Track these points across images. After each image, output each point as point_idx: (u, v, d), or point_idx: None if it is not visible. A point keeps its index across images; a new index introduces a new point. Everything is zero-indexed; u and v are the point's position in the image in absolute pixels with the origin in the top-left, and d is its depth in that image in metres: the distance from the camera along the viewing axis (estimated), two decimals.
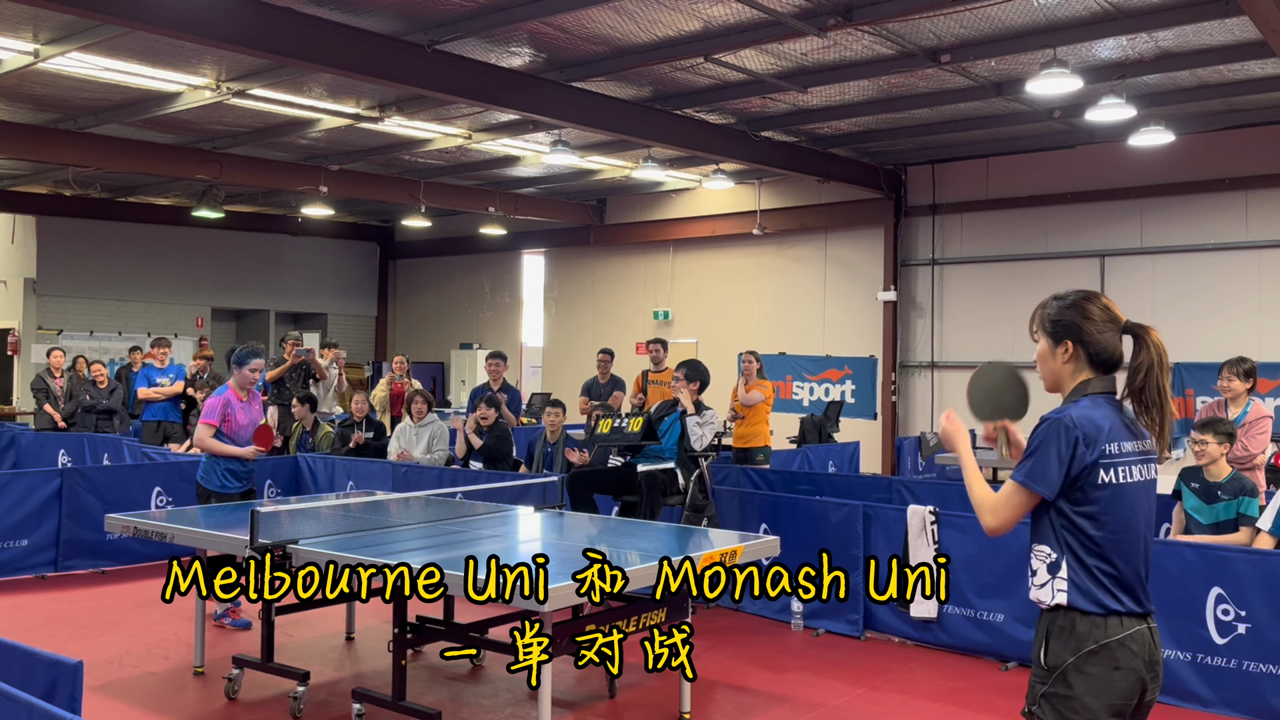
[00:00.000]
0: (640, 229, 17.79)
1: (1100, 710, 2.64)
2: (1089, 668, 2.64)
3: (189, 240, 19.36)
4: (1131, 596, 2.69)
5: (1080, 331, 2.80)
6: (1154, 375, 2.76)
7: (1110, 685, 2.64)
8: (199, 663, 5.75)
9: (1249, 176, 12.36)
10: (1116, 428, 2.73)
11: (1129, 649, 2.65)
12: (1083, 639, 2.65)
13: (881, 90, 11.01)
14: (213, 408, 6.70)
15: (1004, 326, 14.23)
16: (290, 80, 10.55)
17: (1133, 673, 2.66)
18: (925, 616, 6.36)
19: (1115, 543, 2.68)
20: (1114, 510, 2.69)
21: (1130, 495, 2.72)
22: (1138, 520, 2.73)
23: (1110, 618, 2.66)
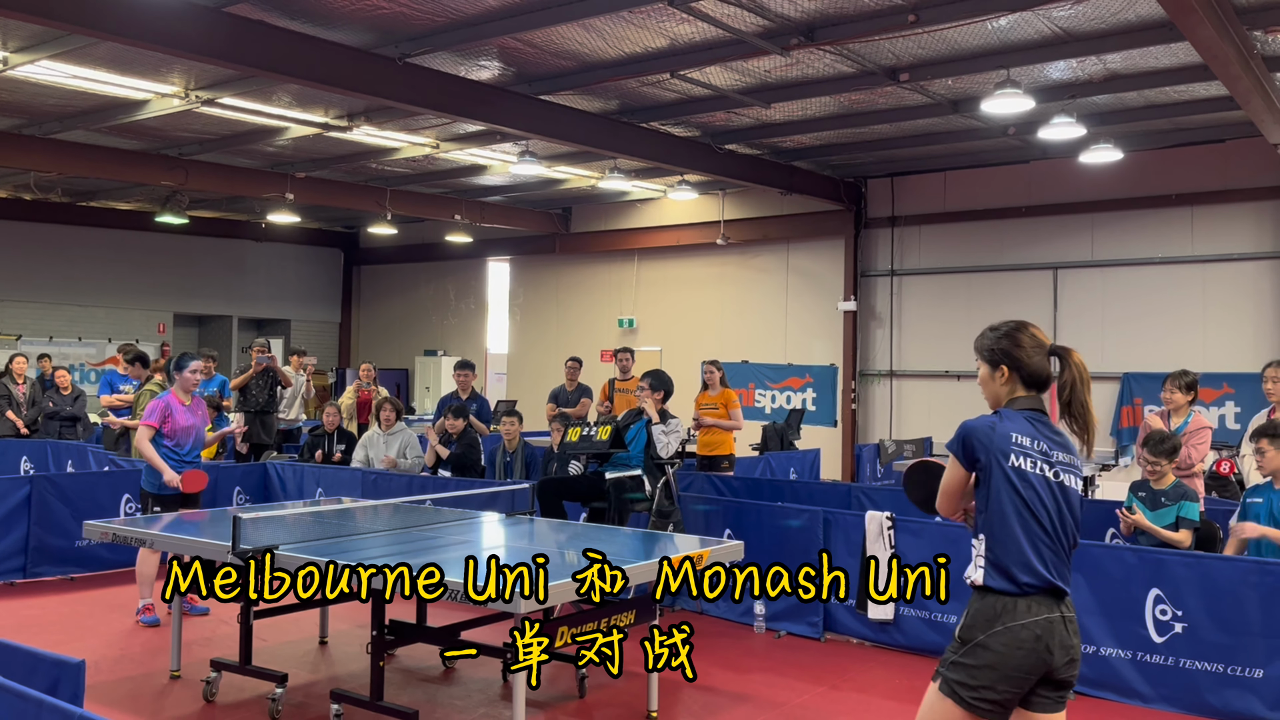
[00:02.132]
0: (605, 238, 17.99)
1: (996, 680, 3.01)
2: (993, 643, 3.02)
3: (151, 245, 19.26)
4: (1040, 580, 3.06)
5: (1014, 358, 3.24)
6: (1077, 390, 3.20)
7: (1009, 660, 3.01)
8: (175, 666, 5.84)
9: (1194, 193, 12.82)
10: (1027, 430, 3.15)
11: (1033, 632, 3.02)
12: (993, 618, 3.04)
13: (842, 106, 11.31)
14: (153, 409, 6.84)
15: (960, 336, 14.58)
16: (259, 90, 10.63)
17: (1034, 654, 3.02)
18: (883, 619, 6.60)
19: (1024, 530, 3.07)
20: (1021, 499, 3.08)
21: (1039, 488, 3.10)
22: (1048, 512, 3.10)
23: (1020, 600, 3.04)
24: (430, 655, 6.25)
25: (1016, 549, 3.07)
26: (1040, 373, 3.24)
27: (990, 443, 3.13)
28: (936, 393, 14.81)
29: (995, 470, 3.11)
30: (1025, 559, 3.06)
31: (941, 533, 6.46)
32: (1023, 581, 3.06)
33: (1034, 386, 3.25)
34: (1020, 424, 3.17)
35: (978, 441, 3.15)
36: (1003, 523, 3.09)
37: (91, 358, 18.65)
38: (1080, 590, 5.75)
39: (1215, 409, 12.51)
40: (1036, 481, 3.10)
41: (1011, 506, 3.09)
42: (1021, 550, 3.07)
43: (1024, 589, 3.05)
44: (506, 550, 5.44)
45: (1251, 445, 5.90)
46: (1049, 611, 3.06)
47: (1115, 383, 13.38)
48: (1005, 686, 3.03)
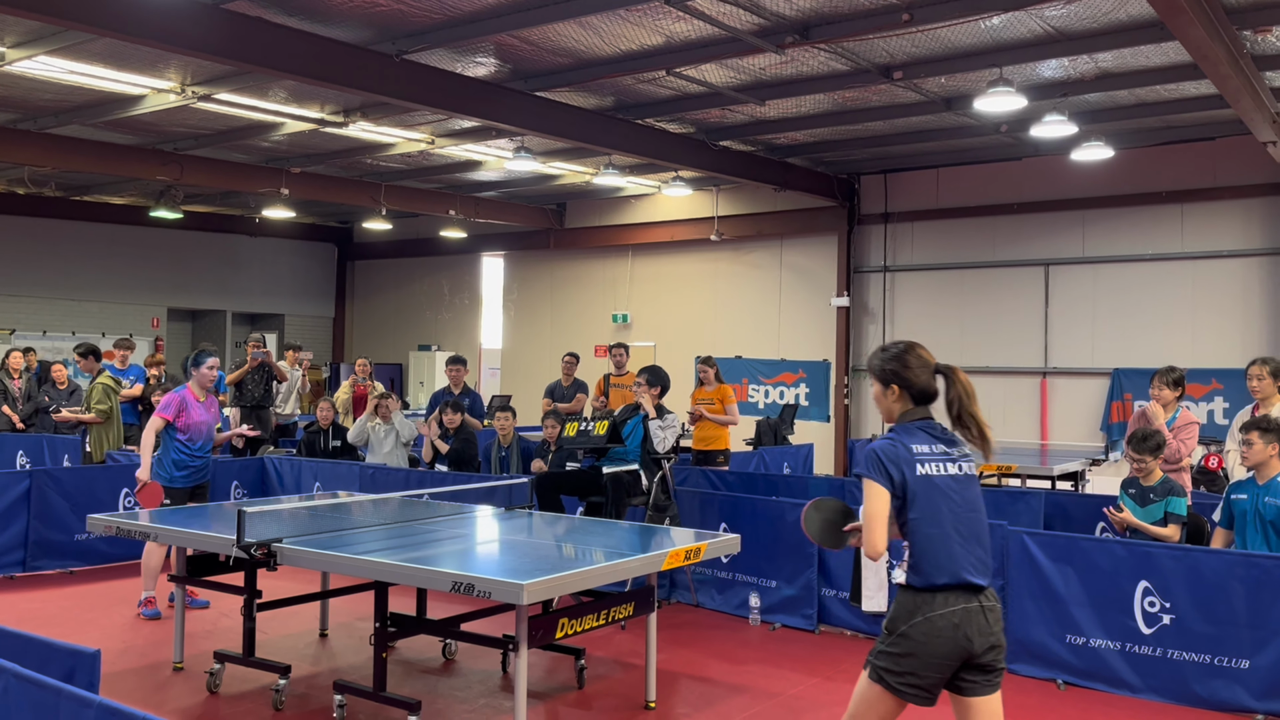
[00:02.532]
0: (600, 233, 18.05)
1: (919, 667, 3.30)
2: (914, 633, 3.31)
3: (145, 240, 19.26)
4: (955, 579, 3.34)
5: (902, 377, 3.54)
6: (964, 404, 3.48)
7: (929, 648, 3.30)
8: (178, 659, 5.91)
9: (1184, 190, 12.93)
10: (922, 440, 3.45)
11: (951, 621, 3.30)
12: (913, 611, 3.33)
13: (836, 103, 11.38)
14: (168, 403, 6.90)
15: (952, 332, 14.70)
16: (256, 85, 10.66)
17: (952, 641, 3.30)
18: (876, 611, 6.68)
19: (939, 532, 3.36)
20: (929, 501, 3.38)
21: (946, 487, 3.41)
22: (958, 508, 3.41)
23: (937, 594, 3.32)
24: (430, 647, 6.33)
25: (934, 551, 3.35)
26: (927, 389, 3.53)
27: (898, 457, 3.41)
28: None
29: (909, 484, 3.38)
30: (941, 560, 3.35)
31: None
32: (938, 582, 3.34)
33: (922, 402, 3.53)
34: (915, 435, 3.46)
35: (888, 459, 3.40)
36: (920, 528, 3.37)
37: None
38: (1070, 582, 5.86)
39: (1204, 404, 12.64)
40: (942, 482, 3.41)
41: (926, 511, 3.37)
42: (938, 552, 3.35)
43: (939, 587, 3.33)
44: (506, 544, 5.52)
45: (1240, 437, 6.00)
46: (966, 602, 3.33)
47: (1105, 378, 13.50)
48: (927, 672, 3.30)
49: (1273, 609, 5.30)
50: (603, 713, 5.31)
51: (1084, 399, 13.70)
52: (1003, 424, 14.19)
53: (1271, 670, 5.29)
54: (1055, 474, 9.76)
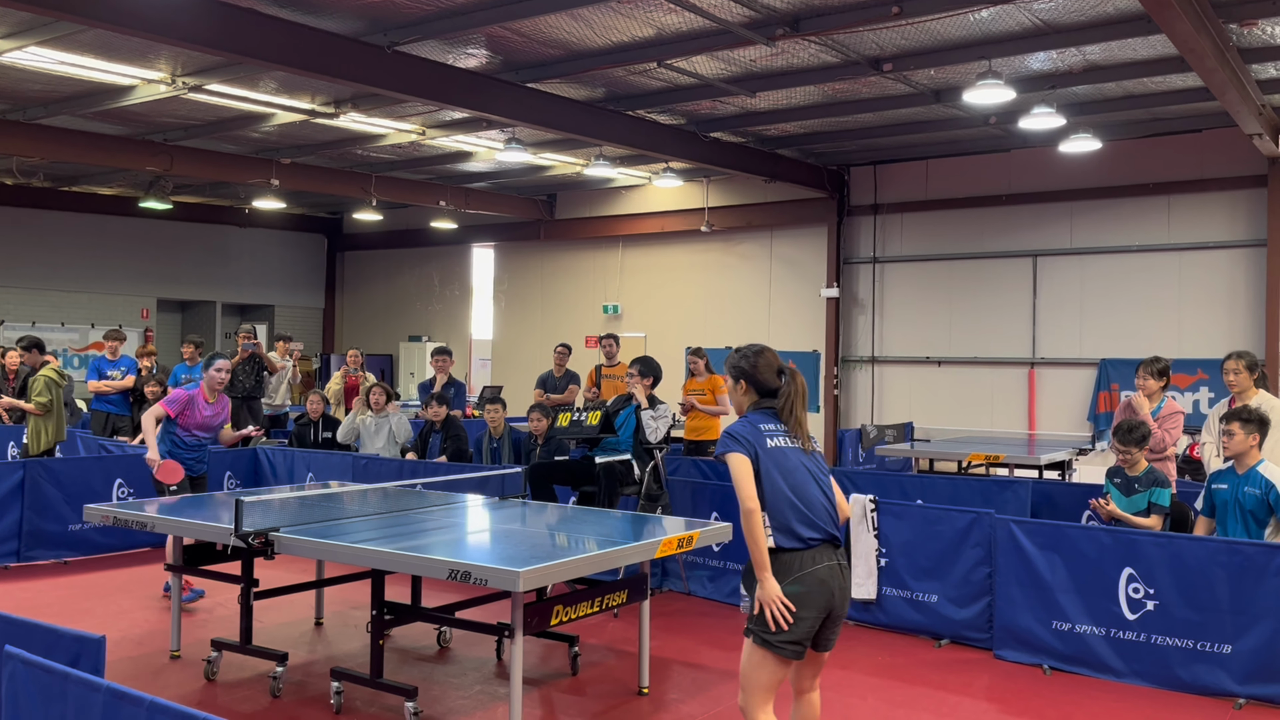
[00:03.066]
0: (590, 224, 18.08)
1: (797, 623, 3.64)
2: (789, 589, 3.65)
3: (134, 231, 19.21)
4: (820, 533, 3.74)
5: (750, 375, 3.96)
6: (791, 402, 3.89)
7: (805, 604, 3.65)
8: (175, 647, 5.96)
9: (1171, 182, 13.05)
10: (769, 420, 3.87)
11: (819, 576, 3.70)
12: (787, 572, 3.68)
13: (826, 95, 11.44)
14: (175, 398, 6.92)
15: (941, 322, 14.81)
16: (246, 76, 10.66)
17: (823, 595, 3.69)
18: (865, 598, 6.77)
19: (796, 495, 3.74)
20: (782, 468, 3.76)
21: (793, 456, 3.81)
22: (808, 472, 3.81)
23: (806, 552, 3.70)
24: (425, 635, 6.39)
25: (794, 512, 3.72)
26: (768, 386, 3.94)
27: (752, 436, 3.79)
28: (917, 378, 15.02)
29: (761, 456, 3.76)
30: (803, 517, 3.73)
31: (922, 515, 6.64)
32: (806, 536, 3.71)
33: (766, 396, 3.94)
34: (763, 417, 3.89)
35: (744, 437, 3.79)
36: (777, 494, 3.73)
37: (75, 343, 18.61)
38: (1056, 569, 5.95)
39: (1190, 395, 12.77)
40: (790, 452, 3.82)
41: (781, 479, 3.74)
42: (798, 511, 3.73)
43: (808, 542, 3.71)
44: (500, 533, 5.57)
45: (1220, 428, 6.08)
46: (829, 560, 3.74)
47: (1092, 369, 13.62)
48: (803, 628, 3.67)
49: (1254, 595, 5.40)
50: (596, 699, 5.38)
51: (1071, 389, 13.83)
52: (991, 414, 14.32)
53: (1253, 655, 5.39)
54: (1042, 463, 9.87)
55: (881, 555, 6.71)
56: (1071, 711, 5.27)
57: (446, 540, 5.29)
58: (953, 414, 14.46)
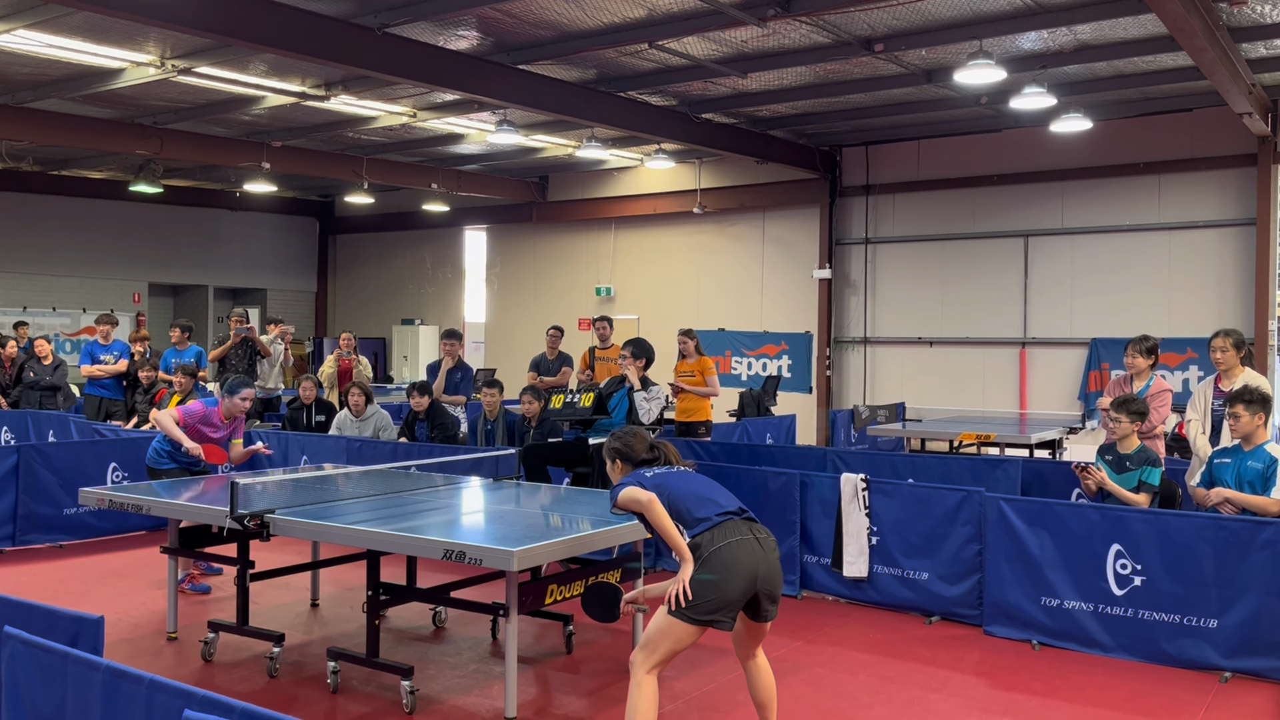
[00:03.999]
0: (582, 206, 18.07)
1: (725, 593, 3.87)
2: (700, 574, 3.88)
3: (124, 215, 19.15)
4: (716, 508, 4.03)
5: (624, 454, 4.41)
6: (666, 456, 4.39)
7: (726, 580, 3.88)
8: (172, 628, 6.00)
9: (1161, 161, 13.08)
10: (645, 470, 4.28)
11: (731, 553, 3.90)
12: (699, 552, 3.91)
13: (818, 76, 11.43)
14: (194, 412, 6.84)
15: (932, 303, 14.86)
16: (236, 59, 10.61)
17: (739, 573, 3.89)
18: (857, 576, 6.84)
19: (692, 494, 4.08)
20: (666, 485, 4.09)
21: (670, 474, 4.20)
22: (685, 478, 4.19)
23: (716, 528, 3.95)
24: (420, 616, 6.44)
25: (693, 503, 4.03)
26: (638, 457, 4.38)
27: (634, 479, 4.14)
28: (909, 359, 15.08)
29: (647, 485, 4.07)
30: (699, 504, 4.03)
31: (912, 494, 6.69)
32: (708, 515, 4.00)
33: (635, 465, 4.36)
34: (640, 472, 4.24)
35: (626, 483, 4.13)
36: (674, 500, 4.02)
37: (66, 328, 18.58)
38: (1045, 546, 6.02)
39: (1179, 373, 12.85)
40: (672, 472, 4.23)
41: (671, 488, 4.06)
42: (695, 501, 4.04)
43: (714, 519, 3.98)
44: (494, 514, 5.62)
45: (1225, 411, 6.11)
46: (741, 534, 3.96)
47: (1083, 348, 13.69)
48: (717, 603, 3.86)
49: (1239, 570, 5.47)
50: (590, 676, 5.44)
51: (1062, 368, 13.90)
52: (982, 394, 14.39)
53: (1238, 629, 5.47)
54: (1033, 442, 9.94)
55: (873, 534, 6.77)
56: (1059, 685, 5.34)
57: (441, 521, 5.34)
58: (944, 394, 14.53)
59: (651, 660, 3.91)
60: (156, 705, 2.69)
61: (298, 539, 5.29)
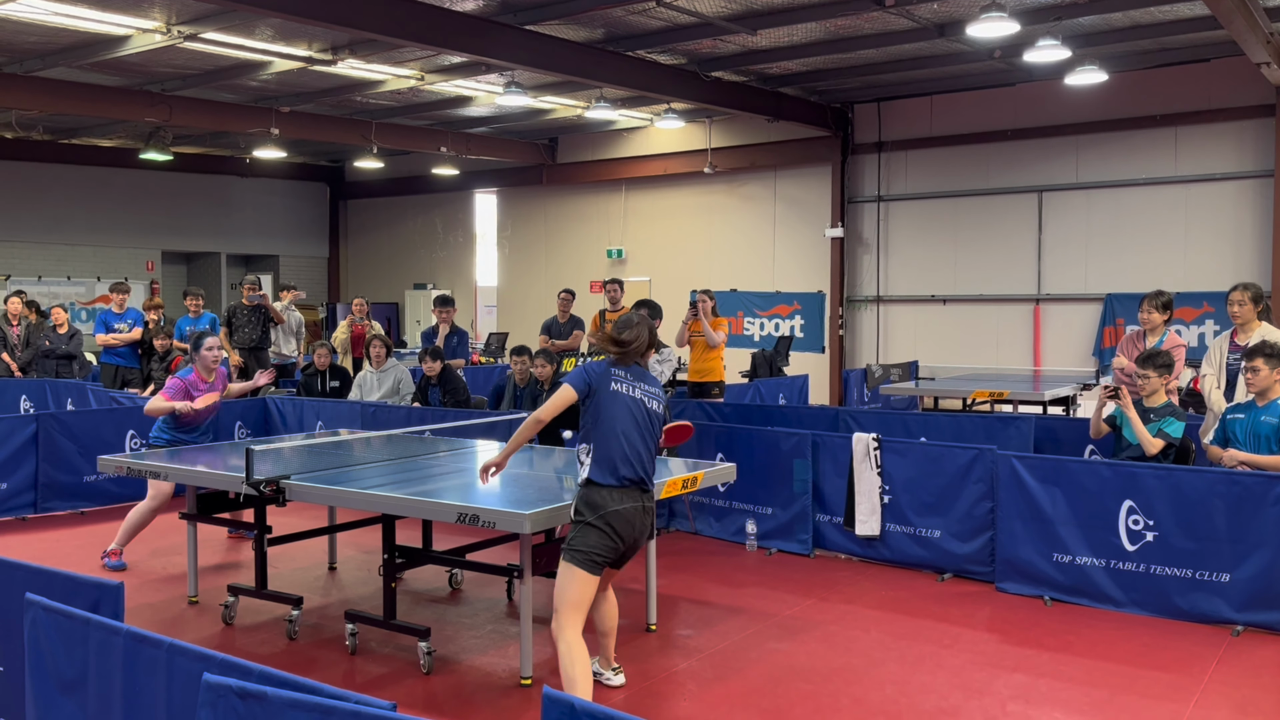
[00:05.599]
0: (592, 168, 17.97)
1: (602, 548, 4.17)
2: (600, 524, 4.14)
3: (136, 183, 19.17)
4: (634, 475, 4.20)
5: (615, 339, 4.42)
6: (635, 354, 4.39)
7: (608, 535, 4.16)
8: (193, 592, 6.09)
9: (1178, 113, 12.90)
10: (620, 369, 4.30)
11: (625, 516, 4.18)
12: (597, 505, 4.16)
13: (828, 32, 11.29)
14: (174, 386, 6.85)
15: (946, 260, 14.77)
16: (242, 23, 10.56)
17: (627, 530, 4.18)
18: (869, 535, 6.87)
19: (624, 437, 4.19)
20: (612, 412, 4.21)
21: (626, 403, 4.23)
22: (637, 423, 4.24)
23: (616, 490, 4.17)
24: (437, 578, 6.52)
25: (617, 451, 4.18)
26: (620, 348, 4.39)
27: (599, 375, 4.26)
28: (922, 317, 15.02)
29: (601, 393, 4.22)
30: (624, 459, 4.18)
31: (924, 452, 6.70)
32: (621, 475, 4.18)
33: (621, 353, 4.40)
34: (613, 364, 4.32)
35: (592, 373, 4.27)
36: (607, 433, 4.18)
37: (81, 296, 18.68)
38: (1057, 503, 6.03)
39: (1195, 327, 12.77)
40: (629, 400, 4.25)
41: (614, 421, 4.19)
42: (622, 452, 4.18)
43: (621, 482, 4.18)
44: (508, 476, 5.66)
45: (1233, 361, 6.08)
46: (635, 501, 4.21)
47: (1098, 304, 13.61)
48: (607, 552, 4.18)
49: (1252, 524, 5.47)
50: None
51: (1076, 325, 13.83)
52: (996, 350, 14.34)
53: (1250, 582, 5.48)
54: (1047, 399, 9.91)
55: (885, 492, 6.79)
56: (1071, 641, 5.38)
57: (455, 485, 5.38)
58: (958, 352, 14.49)
59: (567, 617, 4.17)
60: (177, 669, 2.74)
61: (314, 504, 5.35)
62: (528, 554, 4.67)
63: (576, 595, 4.16)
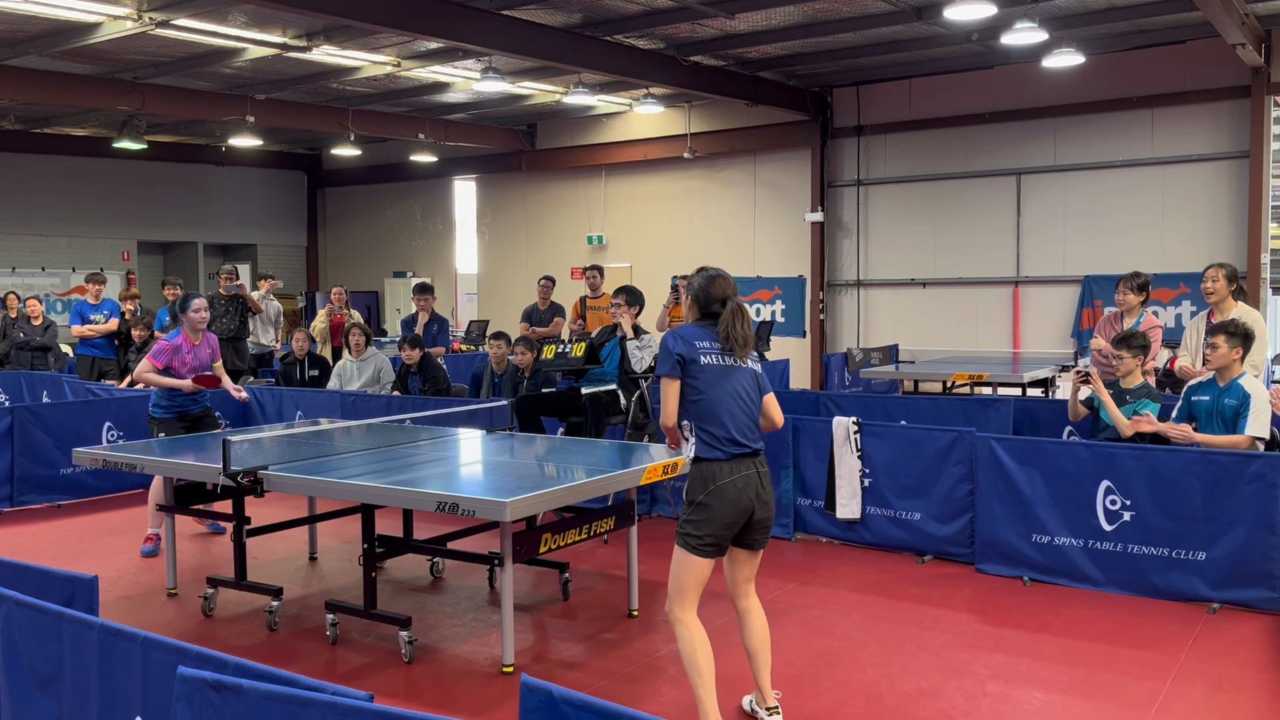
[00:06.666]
0: (572, 154, 17.90)
1: (716, 529, 3.94)
2: (711, 500, 3.92)
3: (110, 172, 18.96)
4: (739, 446, 3.96)
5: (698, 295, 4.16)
6: (728, 323, 4.04)
7: (723, 511, 3.92)
8: (172, 584, 6.05)
9: (1155, 95, 12.95)
10: (704, 339, 4.04)
11: (737, 486, 3.94)
12: (707, 481, 3.93)
13: (806, 15, 11.26)
14: (162, 349, 6.85)
15: (926, 244, 14.80)
16: (215, 10, 10.43)
17: (739, 503, 3.94)
18: (850, 518, 6.90)
19: (723, 408, 3.96)
20: (706, 384, 3.97)
21: (719, 372, 3.99)
22: (727, 391, 3.98)
23: (725, 463, 3.93)
24: (419, 567, 6.51)
25: (719, 424, 3.95)
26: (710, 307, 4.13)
27: (684, 350, 4.00)
28: (903, 301, 15.07)
29: (691, 368, 3.98)
30: (726, 432, 3.95)
31: (904, 435, 6.73)
32: (727, 449, 3.94)
33: (707, 316, 4.13)
34: (699, 332, 4.06)
35: (676, 352, 4.00)
36: (703, 407, 3.96)
37: (56, 288, 18.49)
38: (1036, 484, 6.06)
39: (1172, 308, 12.86)
40: (721, 369, 4.00)
41: (708, 393, 3.96)
42: (723, 425, 3.95)
43: (729, 454, 3.94)
44: (489, 465, 5.64)
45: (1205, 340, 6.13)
46: (747, 470, 3.96)
47: (1076, 286, 13.68)
48: (723, 531, 3.95)
49: (1228, 503, 5.52)
50: (588, 622, 5.51)
51: (1055, 307, 13.90)
52: (975, 333, 14.40)
53: (1226, 561, 5.54)
54: (1026, 381, 9.96)
55: (865, 476, 6.82)
56: (1049, 620, 5.42)
57: (435, 473, 5.36)
58: (938, 335, 14.55)
59: (681, 600, 3.97)
60: (152, 662, 2.72)
61: (294, 494, 5.32)
62: (508, 542, 4.66)
63: (690, 580, 3.97)
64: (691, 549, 3.96)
